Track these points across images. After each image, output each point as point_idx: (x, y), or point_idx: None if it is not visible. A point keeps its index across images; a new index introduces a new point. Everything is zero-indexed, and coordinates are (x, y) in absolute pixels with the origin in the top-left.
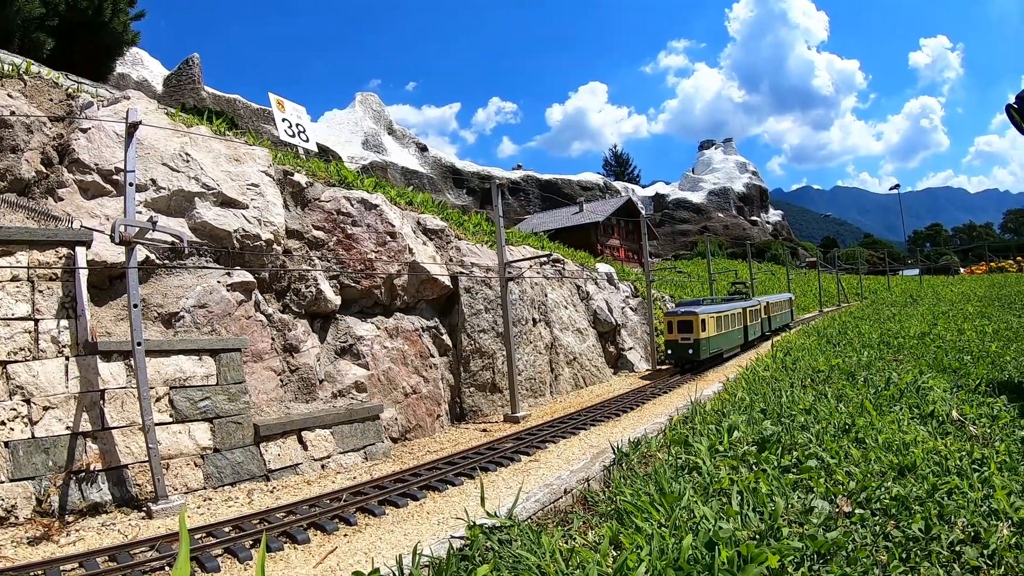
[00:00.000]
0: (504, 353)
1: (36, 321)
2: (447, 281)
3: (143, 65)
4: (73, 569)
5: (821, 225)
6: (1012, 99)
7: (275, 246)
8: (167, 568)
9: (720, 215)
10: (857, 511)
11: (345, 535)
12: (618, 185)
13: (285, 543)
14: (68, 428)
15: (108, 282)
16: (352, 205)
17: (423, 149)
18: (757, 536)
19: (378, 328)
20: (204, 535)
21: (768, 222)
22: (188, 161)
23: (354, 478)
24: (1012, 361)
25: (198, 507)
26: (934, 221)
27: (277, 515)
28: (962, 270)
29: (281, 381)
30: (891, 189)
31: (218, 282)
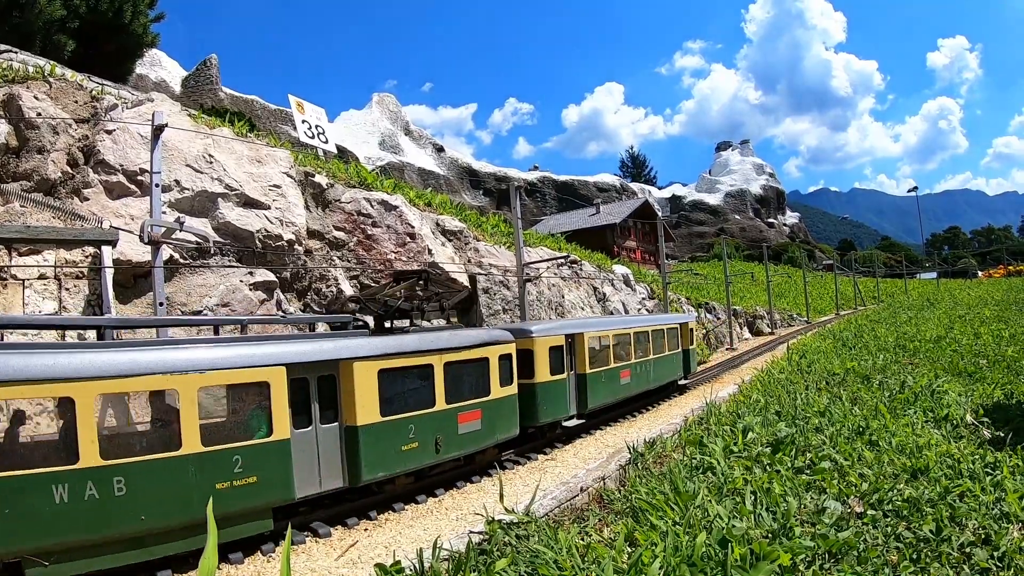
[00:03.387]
0: None
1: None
2: (466, 282)
3: (161, 66)
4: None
5: (838, 227)
6: None
7: (296, 246)
8: (191, 560)
9: (737, 217)
10: (869, 512)
11: (365, 529)
12: (635, 186)
13: (307, 536)
14: None
15: (133, 280)
16: (372, 206)
17: (440, 150)
18: (770, 535)
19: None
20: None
21: (785, 224)
22: (211, 162)
23: None
24: None
25: None
26: (952, 224)
27: (299, 509)
28: (980, 273)
29: None
30: (909, 191)
31: (241, 281)
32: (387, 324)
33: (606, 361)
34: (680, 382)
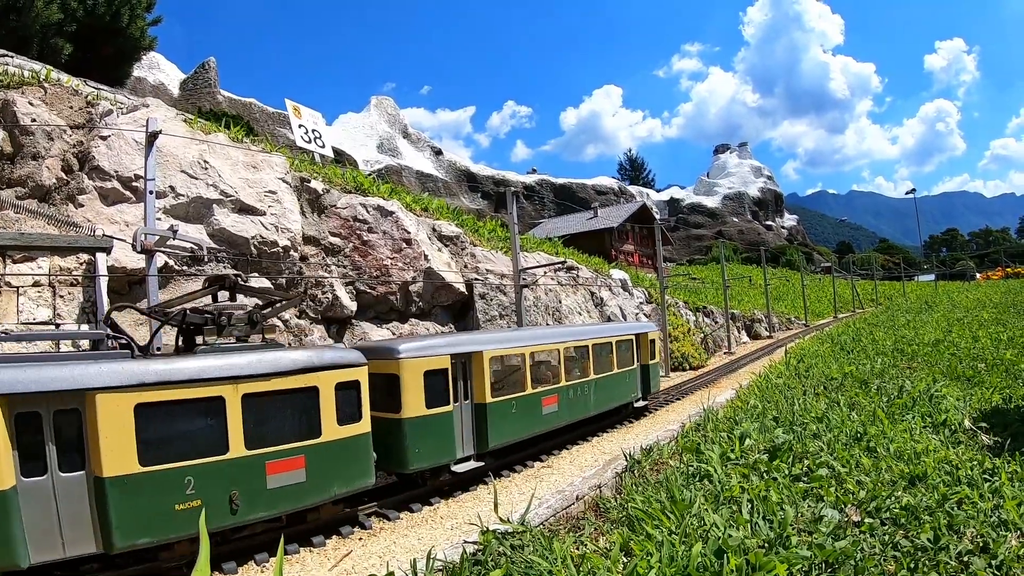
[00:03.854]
0: None
1: (57, 326)
2: (462, 287)
3: (160, 69)
4: (93, 567)
5: (836, 230)
6: None
7: (292, 252)
8: (185, 569)
9: (735, 220)
10: (866, 520)
11: (360, 539)
12: (633, 189)
13: (301, 546)
14: None
15: (127, 287)
16: (368, 212)
17: (438, 153)
18: (766, 544)
19: (393, 334)
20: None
21: (783, 227)
22: (206, 168)
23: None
24: None
25: None
26: (950, 226)
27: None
28: (978, 275)
29: None
30: (907, 193)
31: None
32: (199, 342)
33: (520, 385)
34: (636, 404)
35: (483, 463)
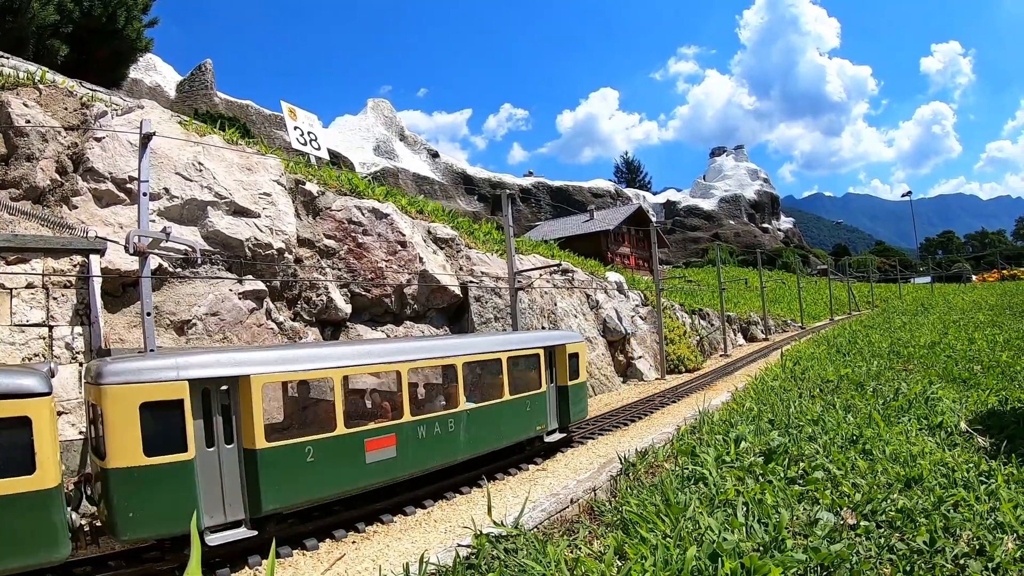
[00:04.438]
0: None
1: (50, 328)
2: (457, 290)
3: (156, 71)
4: (84, 570)
5: (833, 232)
6: None
7: (287, 255)
8: (177, 573)
9: (731, 222)
10: (862, 523)
11: (353, 542)
12: (629, 192)
13: (294, 549)
14: (81, 433)
15: (122, 289)
16: (363, 214)
17: (434, 155)
18: (761, 548)
19: (388, 336)
20: None
21: (779, 229)
22: (201, 170)
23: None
24: (1023, 372)
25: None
26: (946, 228)
27: (286, 521)
28: (974, 278)
29: None
30: (903, 196)
31: (230, 290)
32: None
33: (326, 422)
34: (548, 438)
35: (257, 532)
